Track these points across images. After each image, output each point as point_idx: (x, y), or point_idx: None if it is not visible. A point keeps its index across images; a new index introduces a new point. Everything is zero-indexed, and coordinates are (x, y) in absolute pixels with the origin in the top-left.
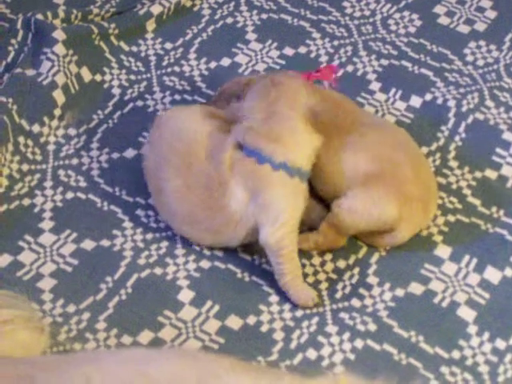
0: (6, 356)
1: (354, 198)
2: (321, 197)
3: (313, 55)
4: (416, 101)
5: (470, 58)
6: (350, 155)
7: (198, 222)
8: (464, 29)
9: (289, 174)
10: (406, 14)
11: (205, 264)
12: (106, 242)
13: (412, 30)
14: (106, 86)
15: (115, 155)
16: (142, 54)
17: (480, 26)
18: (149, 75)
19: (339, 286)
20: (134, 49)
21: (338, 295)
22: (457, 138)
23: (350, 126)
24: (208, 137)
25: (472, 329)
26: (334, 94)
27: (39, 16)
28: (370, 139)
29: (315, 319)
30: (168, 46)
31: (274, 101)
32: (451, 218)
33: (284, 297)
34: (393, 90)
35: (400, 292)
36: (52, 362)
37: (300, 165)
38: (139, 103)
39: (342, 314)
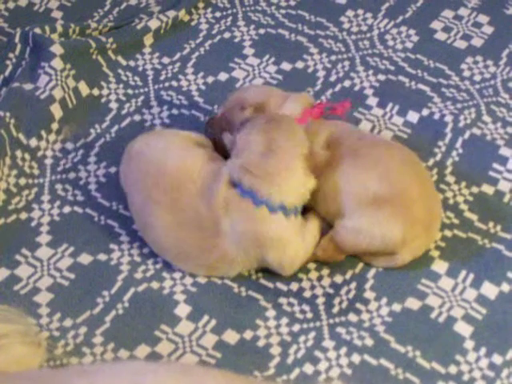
0: (1, 371)
1: (359, 218)
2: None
3: (310, 70)
4: (413, 116)
5: (466, 74)
6: (359, 174)
7: (192, 258)
8: (461, 44)
9: (285, 214)
10: (403, 29)
11: (201, 279)
12: (102, 256)
13: (409, 45)
14: (103, 100)
15: (112, 169)
16: (140, 69)
17: (477, 42)
18: (146, 90)
19: (336, 300)
20: (132, 63)
21: (335, 310)
22: (454, 153)
23: (357, 146)
24: (194, 169)
25: (469, 344)
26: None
27: (37, 30)
28: (379, 157)
29: (312, 334)
30: (165, 60)
31: (273, 135)
32: (448, 234)
33: (281, 311)
34: (390, 105)
35: (397, 307)
36: (48, 377)
37: (296, 204)
38: (136, 117)
39: (339, 329)
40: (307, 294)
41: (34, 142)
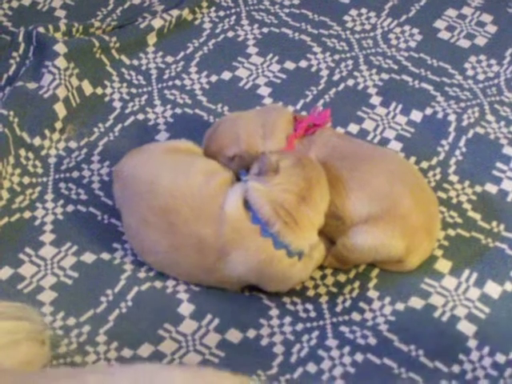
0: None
1: (357, 236)
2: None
3: (314, 69)
4: (416, 115)
5: (470, 73)
6: (346, 198)
7: (192, 276)
8: (464, 43)
9: (299, 257)
10: (406, 28)
11: None
12: (106, 255)
13: (412, 44)
14: (106, 99)
15: None
16: (143, 68)
17: (480, 41)
18: (150, 88)
19: (339, 299)
20: (135, 62)
21: (339, 309)
22: (457, 152)
23: (341, 170)
24: (188, 190)
25: (472, 343)
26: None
27: (41, 29)
28: (364, 176)
29: (315, 333)
30: (169, 59)
31: (312, 186)
32: (451, 233)
33: (284, 310)
34: (393, 105)
35: (400, 306)
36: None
37: (310, 248)
38: (140, 116)
39: (343, 328)
40: (310, 292)
41: (37, 141)
